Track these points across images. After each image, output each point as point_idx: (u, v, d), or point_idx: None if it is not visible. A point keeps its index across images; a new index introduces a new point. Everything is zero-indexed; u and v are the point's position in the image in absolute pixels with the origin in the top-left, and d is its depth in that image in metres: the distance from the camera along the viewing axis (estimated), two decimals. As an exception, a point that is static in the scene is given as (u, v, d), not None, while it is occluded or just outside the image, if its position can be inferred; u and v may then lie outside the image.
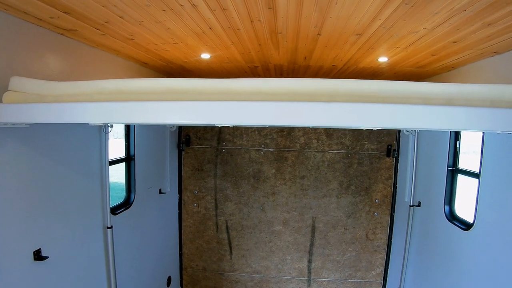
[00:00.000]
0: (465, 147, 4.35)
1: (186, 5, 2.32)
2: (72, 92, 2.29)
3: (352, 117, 1.90)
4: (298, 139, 6.05)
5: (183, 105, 2.06)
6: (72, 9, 2.42)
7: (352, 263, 6.20)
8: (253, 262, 6.39)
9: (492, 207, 3.23)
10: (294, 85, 2.07)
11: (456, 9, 2.21)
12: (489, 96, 1.96)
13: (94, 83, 2.27)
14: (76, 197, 3.38)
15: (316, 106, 1.91)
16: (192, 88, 2.14)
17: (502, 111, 1.86)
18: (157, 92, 2.17)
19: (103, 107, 2.13)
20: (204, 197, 6.37)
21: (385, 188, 5.97)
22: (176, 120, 2.13)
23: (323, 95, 2.02)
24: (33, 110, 2.27)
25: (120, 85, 2.23)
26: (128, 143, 4.67)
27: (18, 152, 2.64)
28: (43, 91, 2.35)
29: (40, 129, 2.84)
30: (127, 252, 4.44)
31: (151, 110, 2.07)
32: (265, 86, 2.09)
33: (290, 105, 1.94)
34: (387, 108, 1.88)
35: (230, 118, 2.02)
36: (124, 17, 2.62)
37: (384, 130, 5.84)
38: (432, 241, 4.48)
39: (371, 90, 2.00)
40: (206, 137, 6.23)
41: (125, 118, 2.14)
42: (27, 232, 2.76)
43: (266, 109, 1.96)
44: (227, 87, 2.10)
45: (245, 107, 1.97)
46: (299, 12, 2.43)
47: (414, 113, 1.88)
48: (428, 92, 1.98)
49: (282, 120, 1.98)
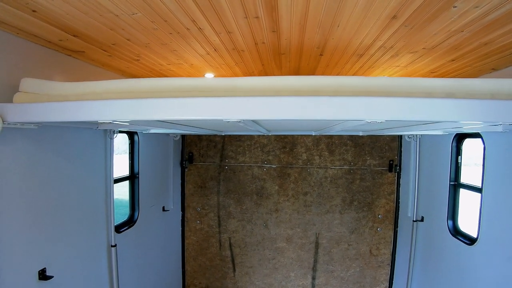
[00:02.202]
0: (466, 159, 4.37)
1: (193, 28, 2.40)
2: (82, 91, 2.30)
3: (357, 109, 1.91)
4: (301, 155, 6.08)
5: (190, 102, 2.04)
6: (80, 32, 2.50)
7: (356, 279, 6.14)
8: (256, 279, 6.33)
9: (496, 221, 3.24)
10: (299, 82, 2.09)
11: (454, 30, 2.29)
12: (490, 90, 1.98)
13: (104, 83, 2.27)
14: (81, 215, 3.39)
15: (321, 100, 1.91)
16: (200, 86, 2.15)
17: (503, 103, 1.87)
18: (164, 90, 2.17)
19: (112, 105, 2.12)
20: (207, 214, 6.36)
21: (388, 204, 5.96)
22: (182, 116, 2.08)
23: (329, 91, 2.04)
24: (42, 109, 2.25)
25: (129, 84, 2.23)
26: (132, 161, 4.70)
27: (25, 156, 2.65)
28: (53, 92, 2.37)
29: (47, 132, 2.86)
30: (130, 270, 4.41)
31: (159, 106, 2.05)
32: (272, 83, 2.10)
33: (297, 99, 1.94)
34: (391, 101, 1.89)
35: (235, 113, 2.00)
36: (131, 40, 2.69)
37: (385, 146, 5.87)
38: (436, 256, 4.46)
39: (374, 85, 2.02)
40: (209, 154, 6.26)
41: (134, 115, 2.11)
42: (32, 251, 2.75)
43: (272, 104, 1.96)
44: (232, 84, 2.11)
45: (249, 103, 1.97)
46: (302, 34, 2.50)
47: (417, 106, 1.88)
48: (429, 86, 2.01)
49: (289, 114, 1.96)
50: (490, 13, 2.01)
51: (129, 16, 2.19)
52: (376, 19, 2.20)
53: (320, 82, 2.07)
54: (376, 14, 2.12)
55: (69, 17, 2.21)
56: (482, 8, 1.96)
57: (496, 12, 2.00)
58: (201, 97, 2.04)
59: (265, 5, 2.03)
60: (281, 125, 3.38)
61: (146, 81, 2.22)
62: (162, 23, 2.32)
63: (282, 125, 3.31)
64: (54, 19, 2.23)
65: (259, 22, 2.29)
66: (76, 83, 2.37)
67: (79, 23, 2.33)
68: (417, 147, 5.06)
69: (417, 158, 5.05)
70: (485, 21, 2.13)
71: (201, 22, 2.30)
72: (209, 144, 6.24)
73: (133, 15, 2.18)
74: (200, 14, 2.16)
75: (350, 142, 5.95)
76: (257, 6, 2.05)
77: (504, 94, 1.98)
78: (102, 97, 2.23)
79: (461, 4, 1.92)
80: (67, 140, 3.19)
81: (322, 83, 2.06)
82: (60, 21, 2.28)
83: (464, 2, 1.90)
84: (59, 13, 2.14)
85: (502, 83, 2.00)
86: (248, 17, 2.22)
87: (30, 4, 1.99)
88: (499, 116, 1.89)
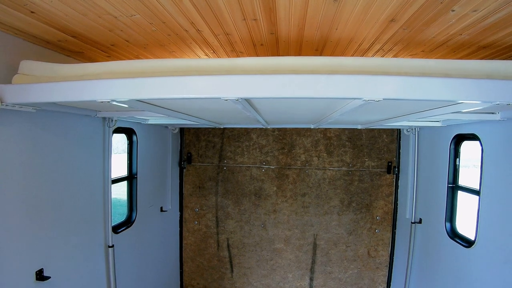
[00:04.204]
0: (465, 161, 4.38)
1: (191, 30, 2.40)
2: (81, 73, 2.28)
3: (354, 87, 1.89)
4: (299, 156, 6.08)
5: (189, 80, 2.00)
6: (79, 33, 2.50)
7: (354, 281, 6.14)
8: (254, 280, 6.33)
9: (493, 224, 3.24)
10: (297, 62, 2.07)
11: (452, 34, 2.29)
12: (486, 71, 1.98)
13: (102, 64, 2.25)
14: (79, 215, 3.38)
15: (319, 78, 1.88)
16: (200, 66, 2.12)
17: (499, 82, 1.87)
18: (165, 71, 2.14)
19: (111, 84, 2.08)
20: (205, 215, 6.36)
21: (386, 205, 5.97)
22: (181, 94, 2.04)
23: (326, 71, 2.03)
24: (40, 89, 2.22)
25: (129, 65, 2.21)
26: (131, 161, 4.70)
27: (22, 142, 2.64)
28: (52, 73, 2.34)
29: (45, 118, 2.84)
30: (128, 270, 4.41)
31: (158, 84, 2.02)
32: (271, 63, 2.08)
33: (295, 77, 1.91)
34: (388, 79, 1.87)
35: (233, 91, 1.96)
36: (129, 41, 2.69)
37: (384, 147, 5.88)
38: (434, 258, 4.46)
39: (372, 65, 2.01)
40: (207, 154, 6.26)
41: (133, 93, 2.07)
42: (29, 251, 2.74)
43: (269, 82, 1.93)
44: (231, 64, 2.09)
45: (247, 80, 1.95)
46: (300, 36, 2.50)
47: (414, 84, 1.87)
48: (425, 66, 2.00)
49: (287, 92, 1.91)
50: (489, 17, 2.02)
51: (127, 17, 2.19)
52: (374, 22, 2.20)
53: (318, 62, 2.06)
54: (374, 17, 2.12)
55: (68, 18, 2.21)
56: (480, 12, 1.96)
57: (494, 16, 2.01)
58: (199, 75, 2.02)
59: (264, 7, 2.03)
60: (279, 112, 3.31)
61: (146, 62, 2.20)
62: (161, 25, 2.32)
63: (280, 111, 3.23)
64: (52, 20, 2.23)
65: (258, 24, 2.29)
66: (75, 65, 2.34)
67: (78, 24, 2.33)
68: (415, 142, 5.06)
69: (416, 159, 5.05)
70: (484, 24, 2.14)
71: (199, 24, 2.30)
72: (208, 145, 6.23)
73: (131, 17, 2.18)
74: (199, 16, 2.16)
75: (348, 143, 5.95)
76: (255, 9, 2.05)
77: (500, 75, 1.97)
78: (101, 77, 2.19)
79: (459, 8, 1.93)
80: (65, 127, 3.15)
81: (320, 63, 2.05)
82: (59, 22, 2.28)
83: (462, 6, 1.91)
84: (57, 15, 2.14)
85: (498, 64, 2.00)
86: (247, 19, 2.22)
87: (29, 5, 1.98)
88: (496, 95, 1.87)
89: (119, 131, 4.30)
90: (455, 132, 4.03)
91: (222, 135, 6.17)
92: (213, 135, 6.19)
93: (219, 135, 6.18)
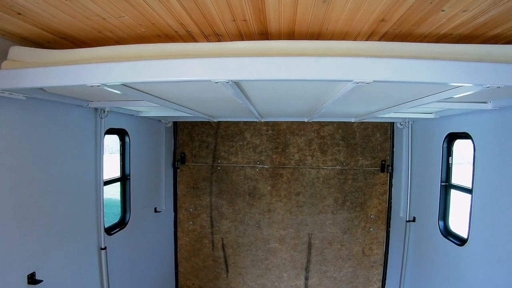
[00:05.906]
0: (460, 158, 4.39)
1: (180, 31, 2.39)
2: (71, 58, 2.25)
3: (345, 69, 1.88)
4: (293, 155, 6.08)
5: (179, 62, 2.00)
6: (68, 34, 2.47)
7: (349, 280, 6.16)
8: (249, 280, 6.33)
9: (486, 222, 3.26)
10: (288, 45, 2.07)
11: (442, 33, 2.30)
12: (478, 55, 1.98)
13: (93, 50, 2.22)
14: (71, 217, 3.35)
15: (310, 60, 1.88)
16: (191, 50, 2.11)
17: (491, 65, 1.87)
18: (156, 55, 2.13)
19: (102, 68, 2.06)
20: (200, 215, 6.34)
21: (380, 204, 5.99)
22: (172, 76, 2.03)
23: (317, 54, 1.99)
24: (30, 74, 2.19)
25: (119, 50, 2.19)
26: (124, 162, 4.67)
27: (11, 131, 2.59)
28: (42, 59, 2.32)
29: (36, 107, 2.80)
30: (122, 272, 4.39)
31: (149, 68, 2.01)
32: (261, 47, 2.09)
33: (285, 59, 1.92)
34: (378, 61, 1.87)
35: (223, 73, 1.97)
36: (119, 42, 2.67)
37: (377, 146, 5.89)
38: (427, 256, 4.49)
39: (363, 49, 2.01)
40: (201, 154, 6.25)
41: (124, 77, 2.06)
42: (20, 255, 2.71)
43: (260, 63, 1.93)
44: (222, 48, 2.09)
45: (237, 62, 1.95)
46: (291, 37, 2.49)
47: (405, 66, 1.87)
48: (417, 50, 2.00)
49: (278, 74, 1.90)
50: (478, 17, 2.02)
51: (116, 19, 2.17)
52: (365, 22, 2.19)
53: (309, 45, 2.06)
54: (365, 17, 2.11)
55: (56, 20, 2.18)
56: (470, 12, 1.96)
57: (484, 16, 2.01)
58: (190, 58, 2.01)
59: (253, 8, 2.02)
60: (271, 101, 3.28)
61: (136, 47, 2.18)
62: (150, 26, 2.30)
63: (272, 99, 3.18)
64: (40, 22, 2.20)
65: (248, 25, 2.28)
66: (66, 50, 2.31)
67: (66, 26, 2.30)
68: (409, 138, 5.08)
69: (409, 157, 5.07)
70: (474, 24, 2.14)
71: (189, 25, 2.28)
72: (202, 145, 6.22)
73: (120, 18, 2.16)
74: (188, 17, 2.14)
75: (342, 142, 5.96)
76: (245, 9, 2.04)
77: (491, 59, 1.97)
78: (91, 62, 2.16)
79: (449, 8, 1.92)
80: (56, 118, 3.10)
81: (311, 47, 2.04)
82: (47, 24, 2.25)
83: (452, 6, 1.90)
84: (45, 16, 2.11)
85: (490, 48, 2.00)
86: (236, 20, 2.21)
87: (15, 7, 1.96)
88: (487, 78, 1.87)
89: (112, 132, 4.27)
90: (448, 130, 4.04)
91: (215, 134, 6.16)
92: (206, 135, 6.17)
93: (213, 134, 6.17)
